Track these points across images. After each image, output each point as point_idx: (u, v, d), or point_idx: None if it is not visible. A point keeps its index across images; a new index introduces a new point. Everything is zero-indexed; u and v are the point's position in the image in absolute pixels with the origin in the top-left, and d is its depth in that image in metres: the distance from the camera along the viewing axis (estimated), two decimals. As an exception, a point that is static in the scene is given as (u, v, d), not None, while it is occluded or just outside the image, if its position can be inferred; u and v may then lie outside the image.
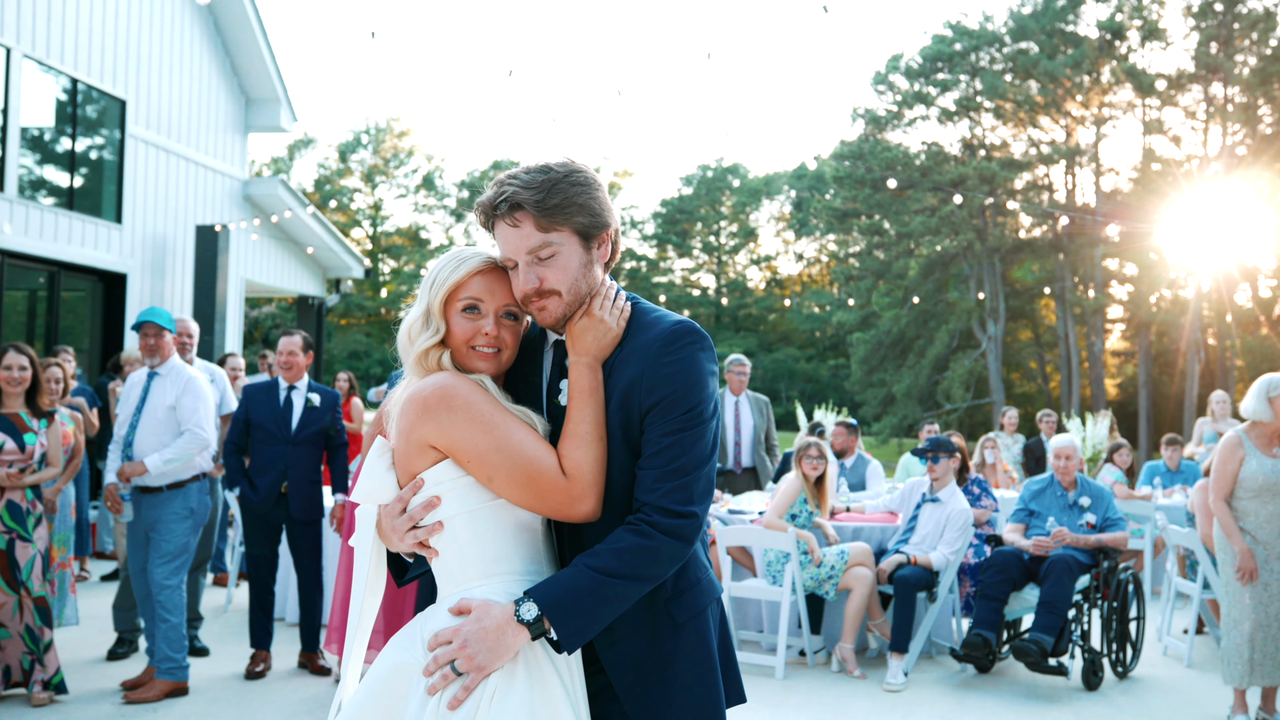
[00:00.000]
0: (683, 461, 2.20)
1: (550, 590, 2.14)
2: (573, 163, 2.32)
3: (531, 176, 2.27)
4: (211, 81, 14.60)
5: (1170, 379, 41.10)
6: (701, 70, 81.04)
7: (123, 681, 6.45)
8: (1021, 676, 7.23)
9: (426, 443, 2.21)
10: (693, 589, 2.33)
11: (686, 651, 2.31)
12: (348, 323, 49.19)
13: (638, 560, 2.16)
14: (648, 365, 2.23)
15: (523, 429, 2.22)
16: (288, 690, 6.56)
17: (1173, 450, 11.29)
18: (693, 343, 2.25)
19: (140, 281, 13.29)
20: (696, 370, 2.24)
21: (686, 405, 2.21)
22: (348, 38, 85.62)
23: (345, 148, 52.27)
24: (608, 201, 2.35)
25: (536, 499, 2.18)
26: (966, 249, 37.65)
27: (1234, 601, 6.07)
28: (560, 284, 2.28)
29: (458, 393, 2.22)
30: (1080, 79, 37.31)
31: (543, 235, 2.26)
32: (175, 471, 6.31)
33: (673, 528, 2.17)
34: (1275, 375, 6.15)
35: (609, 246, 2.37)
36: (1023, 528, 7.46)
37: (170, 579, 6.24)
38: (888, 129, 41.00)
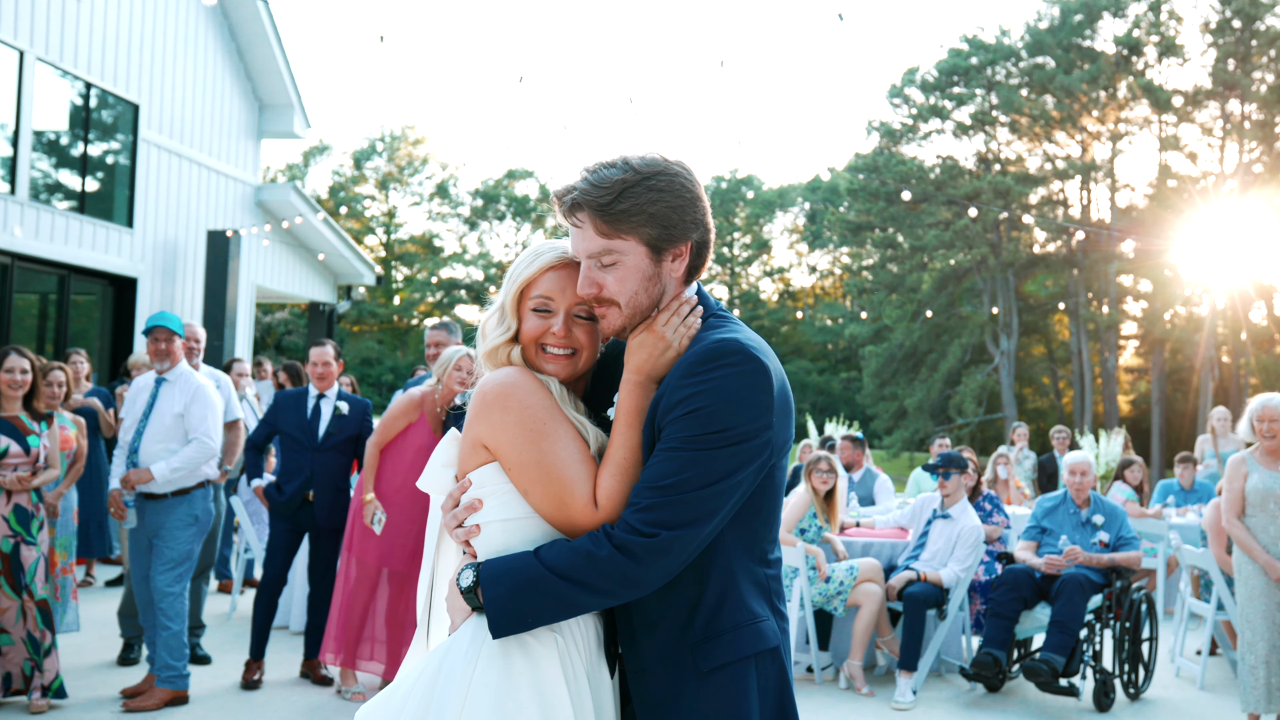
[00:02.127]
0: (669, 480, 1.99)
1: (495, 564, 2.05)
2: (661, 162, 2.15)
3: (604, 175, 2.12)
4: (225, 86, 14.62)
5: (1184, 396, 40.85)
6: (716, 80, 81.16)
7: (122, 689, 6.40)
8: (1031, 696, 7.13)
9: (480, 441, 2.15)
10: (728, 634, 2.07)
11: (711, 707, 2.06)
12: (360, 330, 49.25)
13: (580, 564, 1.99)
14: (670, 384, 2.06)
15: (573, 444, 2.11)
16: (289, 700, 6.50)
17: (1186, 468, 11.17)
18: (729, 364, 2.02)
19: (151, 286, 13.30)
20: (725, 392, 2.00)
21: (701, 427, 1.99)
22: (363, 45, 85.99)
23: (360, 155, 52.39)
24: (695, 209, 2.15)
25: (565, 522, 2.09)
26: (980, 263, 37.53)
27: (1248, 624, 5.98)
28: (619, 295, 2.13)
29: (516, 392, 2.13)
30: (1096, 94, 37.19)
31: (604, 241, 2.12)
32: (180, 479, 6.26)
33: (627, 544, 1.97)
34: (1262, 397, 6.13)
35: (686, 260, 2.17)
36: (1035, 545, 7.37)
37: (173, 586, 6.19)
38: (903, 142, 40.93)
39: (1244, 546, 5.96)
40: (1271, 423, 5.96)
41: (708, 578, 2.09)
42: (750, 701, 2.07)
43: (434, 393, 6.59)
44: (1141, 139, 40.52)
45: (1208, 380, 35.99)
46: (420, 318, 52.14)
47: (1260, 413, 6.02)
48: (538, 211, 52.29)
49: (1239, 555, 6.06)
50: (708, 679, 2.05)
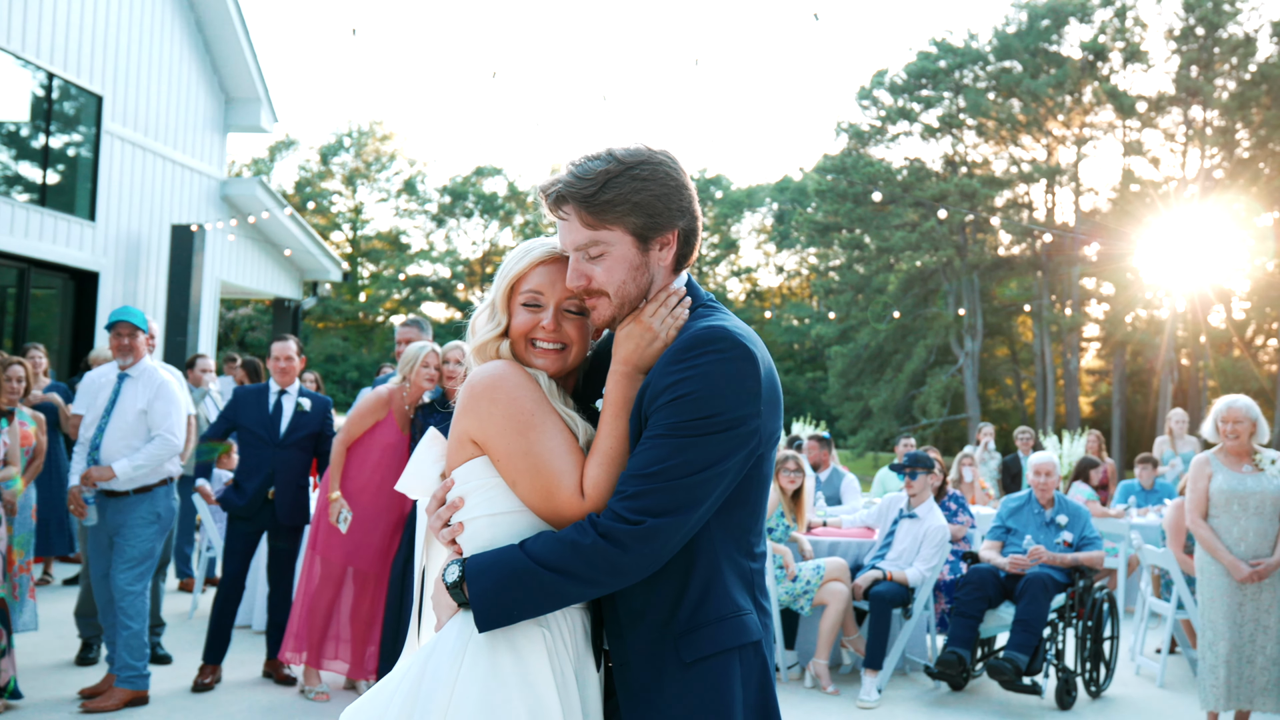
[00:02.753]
0: (656, 468, 1.97)
1: (480, 559, 2.05)
2: (645, 152, 2.15)
3: (588, 166, 2.12)
4: (191, 79, 14.46)
5: (1144, 398, 41.34)
6: (686, 80, 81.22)
7: (80, 689, 6.31)
8: (995, 694, 7.18)
9: (467, 435, 2.14)
10: (711, 626, 2.07)
11: (693, 699, 2.05)
12: (325, 326, 48.92)
13: (565, 554, 1.98)
14: (660, 370, 2.06)
15: (560, 435, 2.11)
16: (251, 699, 6.44)
17: (1146, 469, 11.28)
18: (715, 351, 2.02)
19: (113, 280, 13.13)
20: (711, 379, 2.00)
21: (688, 414, 1.98)
22: (331, 39, 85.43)
23: (327, 150, 52.01)
24: (681, 197, 2.16)
25: (552, 513, 2.09)
26: (946, 265, 37.78)
27: (1209, 623, 6.04)
28: (607, 285, 2.13)
29: (504, 384, 2.13)
30: (1062, 99, 37.54)
31: (590, 232, 2.12)
32: (142, 476, 6.17)
33: (613, 532, 1.96)
34: (1225, 398, 6.20)
35: (674, 248, 2.17)
36: (999, 545, 7.43)
37: (134, 585, 6.10)
38: (871, 144, 41.14)
39: (1208, 547, 6.02)
40: (1235, 424, 6.03)
41: (693, 569, 2.08)
42: (733, 694, 2.06)
43: (401, 390, 6.54)
44: (1106, 144, 40.99)
45: (1167, 382, 36.41)
46: (386, 315, 51.86)
47: (1224, 414, 6.09)
48: (506, 209, 52.14)
49: (1201, 556, 6.12)
50: (690, 670, 2.05)
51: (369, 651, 6.60)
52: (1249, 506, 5.95)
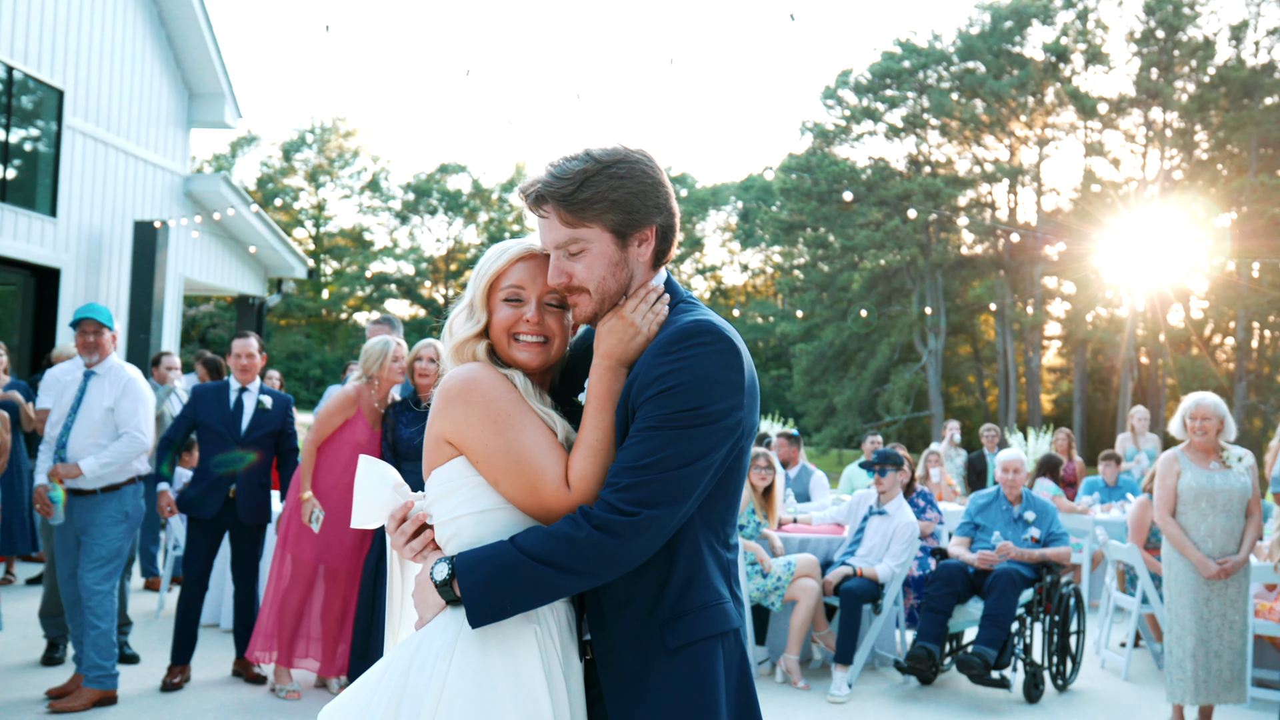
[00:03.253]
0: (648, 460, 2.01)
1: (470, 556, 2.05)
2: (622, 151, 2.19)
3: (566, 166, 2.17)
4: (153, 74, 14.28)
5: (1104, 396, 41.86)
6: (652, 79, 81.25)
7: (48, 690, 6.23)
8: (964, 688, 7.24)
9: (444, 436, 2.15)
10: (694, 613, 2.11)
11: (679, 684, 2.09)
12: (287, 323, 48.55)
13: (559, 548, 2.00)
14: (647, 362, 2.09)
15: (539, 432, 2.13)
16: (221, 699, 6.38)
17: (1109, 466, 11.42)
18: (701, 344, 2.06)
19: (74, 277, 12.95)
20: (699, 371, 2.04)
21: (678, 405, 2.02)
22: (294, 34, 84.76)
23: (289, 146, 51.63)
24: (658, 195, 2.20)
25: (538, 507, 2.11)
26: (910, 264, 38.05)
27: (1176, 618, 6.13)
28: (588, 281, 2.17)
29: (479, 386, 2.15)
30: (1025, 99, 37.93)
31: (569, 231, 2.16)
32: (110, 474, 6.10)
33: (609, 524, 1.99)
34: (1194, 396, 6.27)
35: (652, 244, 2.22)
36: (968, 541, 7.50)
37: (102, 584, 6.03)
38: (836, 143, 41.35)
39: (1177, 544, 6.10)
40: (1204, 420, 6.11)
41: (677, 558, 2.12)
42: (716, 678, 2.11)
43: (370, 387, 6.50)
44: (1067, 144, 41.47)
45: (1127, 380, 36.89)
46: (350, 312, 51.55)
47: (1193, 411, 6.16)
48: (470, 206, 51.95)
49: (1168, 551, 6.20)
50: (675, 656, 2.09)
51: (340, 649, 6.56)
52: (1216, 504, 6.04)
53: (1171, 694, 6.11)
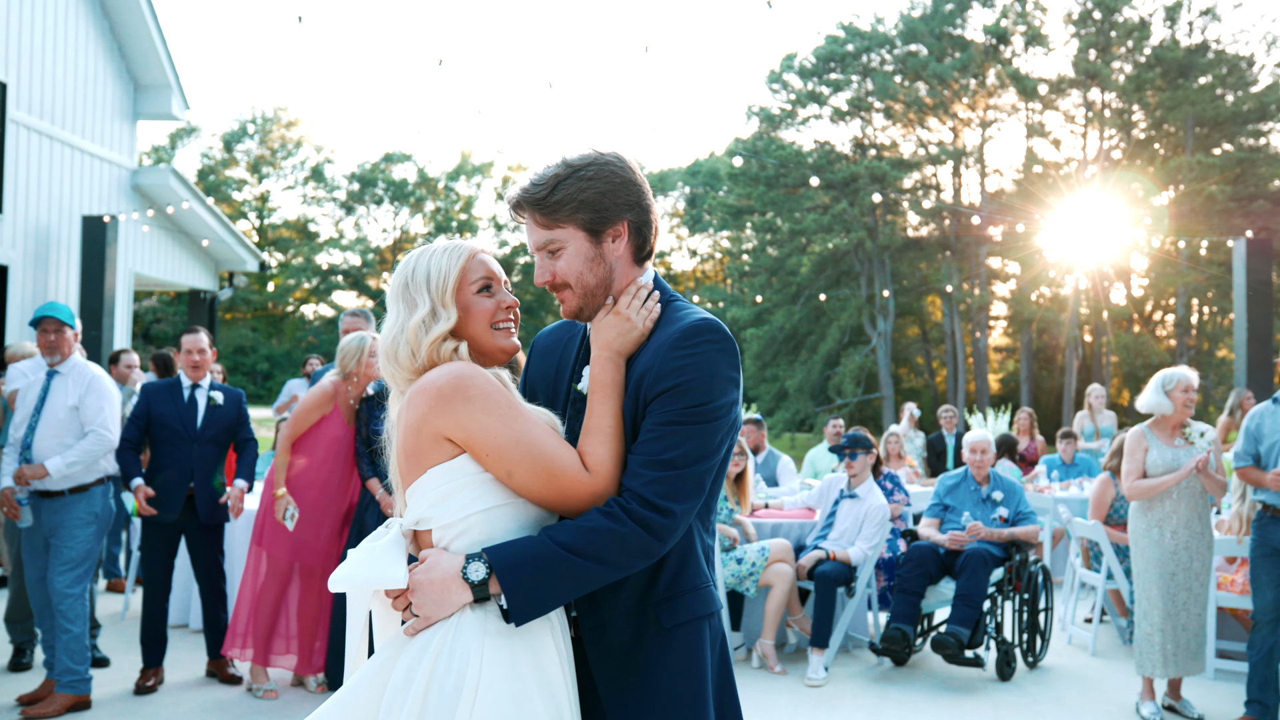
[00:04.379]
0: (673, 455, 2.13)
1: (506, 553, 2.07)
2: (593, 154, 2.33)
3: (541, 174, 2.32)
4: (98, 65, 13.96)
5: (1050, 374, 42.51)
6: (598, 66, 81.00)
7: (19, 696, 6.13)
8: (937, 668, 7.35)
9: (442, 435, 2.13)
10: (687, 595, 2.25)
11: (672, 660, 2.22)
12: (232, 317, 47.88)
13: (602, 543, 2.08)
14: (658, 358, 2.20)
15: (539, 424, 2.17)
16: (197, 700, 6.32)
17: (1067, 444, 11.61)
18: (710, 341, 2.20)
19: (22, 274, 12.66)
20: (709, 368, 2.18)
21: (692, 400, 2.15)
22: (232, 24, 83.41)
23: (230, 137, 50.84)
24: (627, 193, 2.32)
25: (557, 495, 2.14)
26: (858, 247, 38.32)
27: (1144, 593, 6.26)
28: (568, 276, 2.31)
29: (474, 382, 2.15)
30: (967, 82, 38.30)
31: (546, 233, 2.32)
32: (78, 474, 6.00)
33: (646, 519, 2.10)
34: (1171, 370, 6.39)
35: (626, 240, 2.34)
36: (937, 522, 7.60)
37: (73, 588, 5.94)
38: (782, 127, 41.50)
39: (1155, 487, 6.14)
40: (1193, 393, 6.25)
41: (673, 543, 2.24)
42: (704, 656, 2.25)
43: (346, 384, 6.45)
44: (1009, 126, 41.99)
45: (1072, 359, 37.50)
46: (296, 305, 50.96)
47: (1185, 384, 6.24)
48: (416, 196, 51.50)
49: (1135, 529, 6.33)
50: (669, 635, 2.22)
51: (316, 647, 6.52)
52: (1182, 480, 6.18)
53: (1141, 666, 6.25)
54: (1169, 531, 6.21)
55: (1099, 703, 6.62)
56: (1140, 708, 6.28)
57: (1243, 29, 42.85)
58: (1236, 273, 12.73)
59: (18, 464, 6.01)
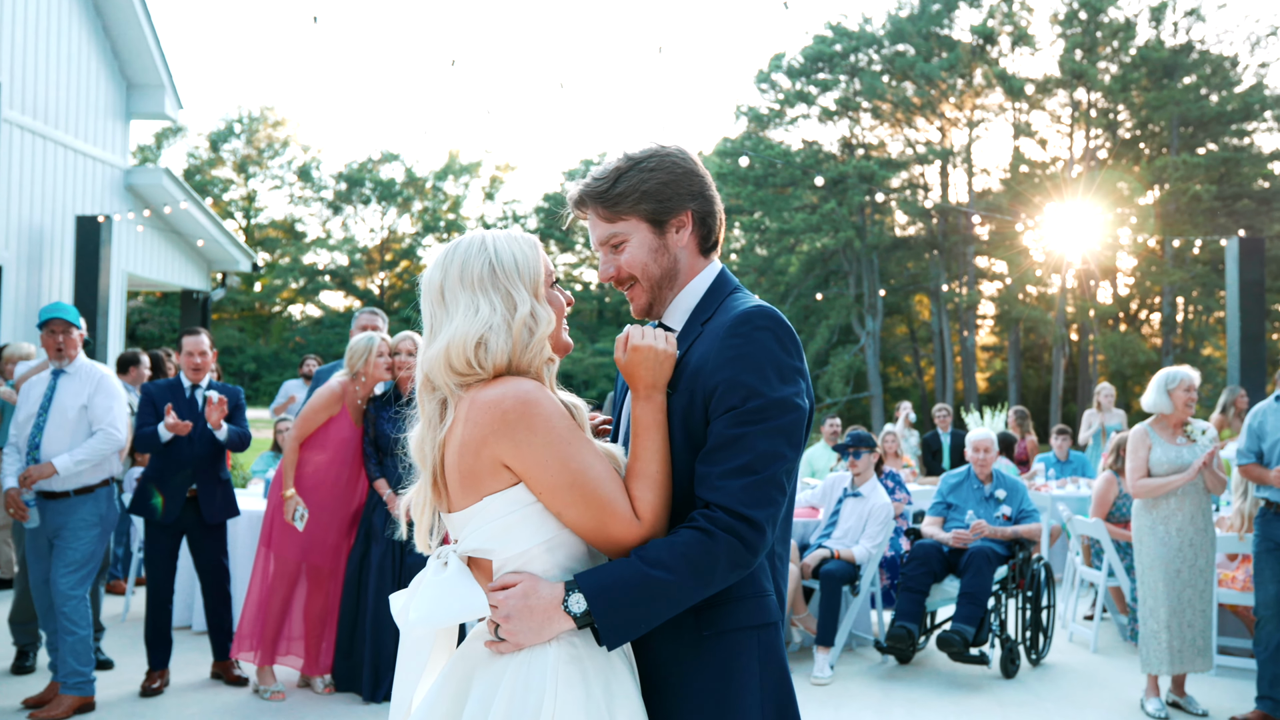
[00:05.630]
0: (748, 459, 2.02)
1: (597, 580, 1.99)
2: (655, 147, 2.29)
3: (604, 169, 2.29)
4: (90, 64, 13.88)
5: (1037, 373, 42.70)
6: (586, 65, 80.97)
7: (25, 699, 6.10)
8: (942, 666, 7.38)
9: (500, 461, 2.02)
10: (733, 602, 2.10)
11: (706, 674, 2.09)
12: (220, 317, 47.68)
13: (694, 558, 1.98)
14: (714, 346, 2.12)
15: (599, 460, 2.06)
16: (203, 702, 6.29)
17: (1062, 441, 11.67)
18: (763, 327, 2.11)
19: (16, 274, 12.58)
20: (762, 354, 2.08)
21: (749, 391, 2.05)
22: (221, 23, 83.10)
23: (217, 137, 50.60)
24: (690, 183, 2.28)
25: (604, 540, 2.05)
26: (846, 246, 38.41)
27: (1149, 590, 6.29)
28: (634, 268, 2.28)
29: (540, 409, 2.02)
30: (954, 81, 38.43)
31: (609, 227, 2.28)
32: (84, 475, 5.96)
33: (735, 529, 1.99)
34: (1173, 369, 6.42)
35: (690, 229, 2.29)
36: (941, 520, 7.62)
37: (76, 589, 5.91)
38: (770, 127, 41.57)
39: (1163, 487, 6.19)
40: (1195, 392, 6.30)
41: None
42: (747, 671, 2.10)
43: (355, 384, 6.43)
44: (997, 125, 42.11)
45: (1059, 357, 37.66)
46: (284, 305, 50.76)
47: (1188, 383, 6.29)
48: (404, 195, 51.36)
49: (1139, 526, 6.36)
50: (706, 644, 2.09)
51: (323, 647, 6.51)
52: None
53: (1147, 664, 6.28)
54: (1174, 529, 6.25)
55: (1104, 699, 6.65)
56: (1145, 704, 6.31)
57: (1227, 29, 43.16)
58: (1229, 272, 12.79)
59: (25, 464, 5.98)
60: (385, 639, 6.26)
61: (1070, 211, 35.86)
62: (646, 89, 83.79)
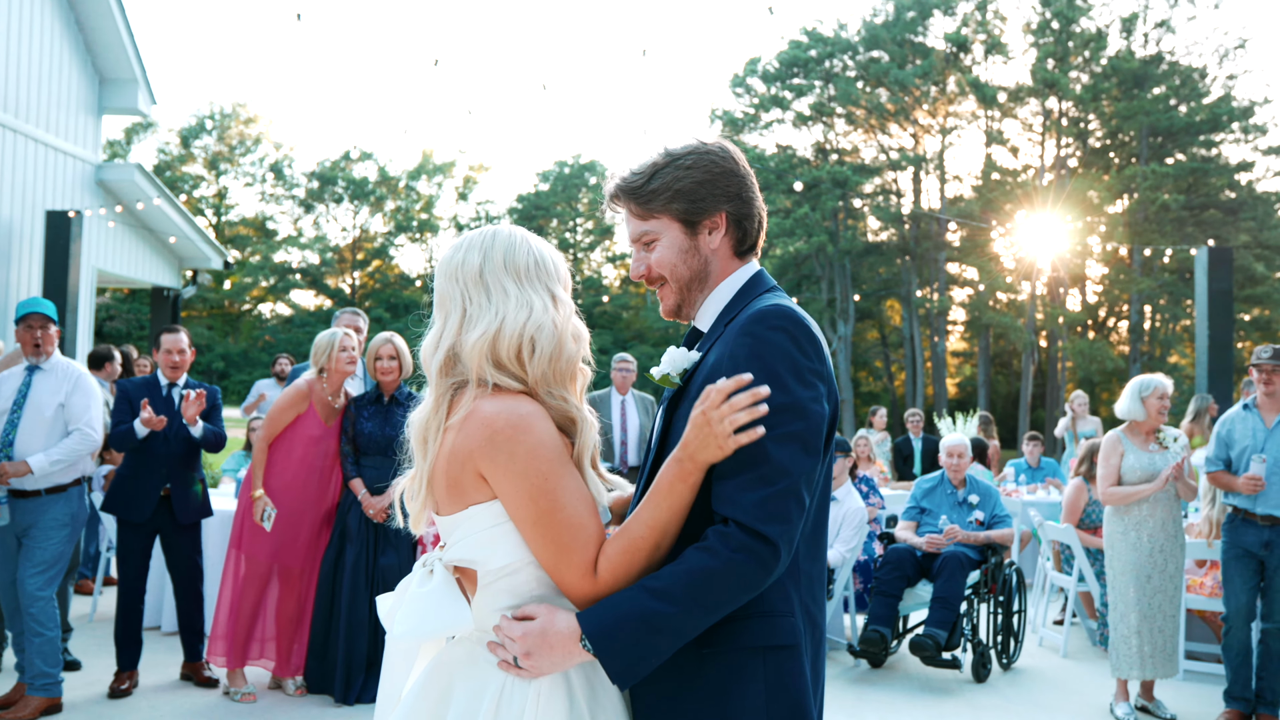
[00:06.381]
0: (763, 469, 1.89)
1: (599, 621, 1.89)
2: (695, 143, 2.20)
3: (641, 163, 2.20)
4: (63, 59, 13.74)
5: (1005, 379, 43.02)
6: (561, 67, 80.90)
7: (-8, 700, 6.03)
8: (914, 670, 7.41)
9: (480, 474, 1.99)
10: (730, 621, 1.95)
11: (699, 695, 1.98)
12: (188, 315, 47.27)
13: (698, 586, 1.86)
14: (727, 347, 2.03)
15: (577, 502, 1.97)
16: (173, 704, 6.23)
17: (1034, 447, 11.75)
18: (776, 326, 1.98)
19: (-17, 269, 12.45)
20: (775, 354, 1.95)
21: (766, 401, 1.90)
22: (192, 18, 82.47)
23: (188, 133, 50.18)
24: (727, 183, 2.17)
25: (558, 582, 1.98)
26: (819, 251, 38.57)
27: (1120, 596, 6.35)
28: (662, 269, 2.19)
29: (528, 437, 1.97)
30: (928, 88, 38.69)
31: (642, 224, 2.21)
32: (57, 475, 5.90)
33: (749, 546, 1.86)
34: (1147, 377, 6.49)
35: (723, 232, 2.19)
36: (915, 525, 7.67)
37: (44, 590, 5.84)
38: (745, 131, 41.69)
39: (1130, 495, 6.25)
40: (1168, 400, 6.36)
41: None
42: (749, 697, 1.96)
43: (320, 381, 6.40)
44: (969, 133, 42.40)
45: (1028, 363, 37.96)
46: (254, 303, 50.41)
47: (1161, 391, 6.35)
48: (377, 194, 51.13)
49: (1110, 533, 6.42)
50: (706, 661, 1.97)
51: (295, 649, 6.46)
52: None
53: (1117, 668, 6.34)
54: (1145, 535, 6.31)
55: (1074, 703, 6.71)
56: (1114, 708, 6.37)
57: (1196, 41, 43.63)
58: (1198, 281, 12.94)
59: (-1, 461, 5.90)
60: (358, 641, 6.23)
61: (1041, 219, 36.18)
62: (624, 91, 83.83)
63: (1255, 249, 35.47)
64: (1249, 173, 36.99)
